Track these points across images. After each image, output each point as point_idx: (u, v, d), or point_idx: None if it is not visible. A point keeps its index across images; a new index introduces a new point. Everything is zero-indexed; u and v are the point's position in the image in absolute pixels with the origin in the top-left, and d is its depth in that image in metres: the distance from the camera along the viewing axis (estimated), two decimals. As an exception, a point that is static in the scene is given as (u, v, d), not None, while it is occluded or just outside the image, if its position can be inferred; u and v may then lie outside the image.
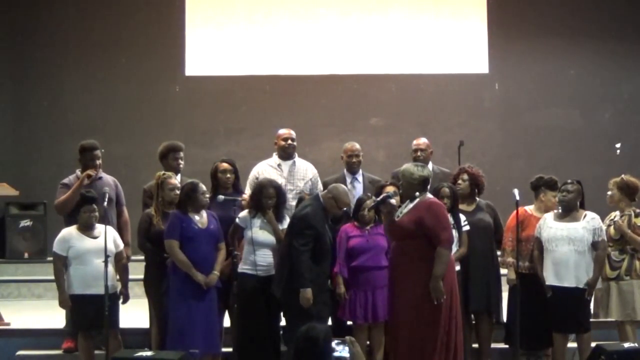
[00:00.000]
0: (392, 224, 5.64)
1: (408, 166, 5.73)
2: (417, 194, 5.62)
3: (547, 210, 6.26)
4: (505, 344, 6.35)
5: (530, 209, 6.36)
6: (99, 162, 6.63)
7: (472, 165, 6.53)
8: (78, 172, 6.67)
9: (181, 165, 6.68)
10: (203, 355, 5.86)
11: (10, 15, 9.81)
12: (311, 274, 5.78)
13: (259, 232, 6.00)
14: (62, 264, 6.01)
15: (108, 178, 6.71)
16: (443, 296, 5.44)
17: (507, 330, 6.28)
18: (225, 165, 6.54)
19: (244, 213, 6.09)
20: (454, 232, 6.05)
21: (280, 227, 6.07)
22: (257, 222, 6.02)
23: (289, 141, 6.94)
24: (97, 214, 6.03)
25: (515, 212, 6.12)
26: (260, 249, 5.99)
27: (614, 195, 6.37)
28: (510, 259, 6.16)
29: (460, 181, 6.40)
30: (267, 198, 6.04)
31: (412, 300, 5.48)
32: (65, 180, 6.62)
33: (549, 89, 10.08)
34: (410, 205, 5.63)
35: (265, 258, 5.99)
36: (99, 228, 6.01)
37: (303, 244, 5.80)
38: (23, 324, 7.04)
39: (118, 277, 6.16)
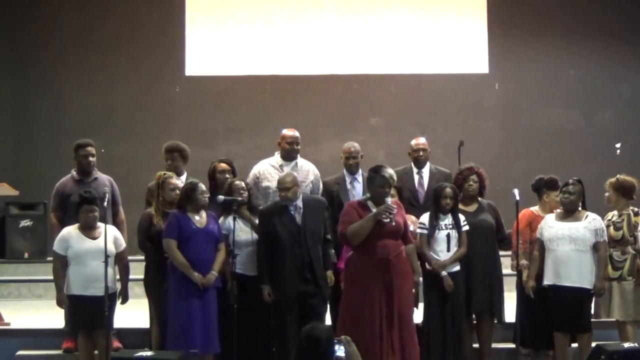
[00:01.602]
0: (385, 225, 5.56)
1: (392, 170, 5.77)
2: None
3: (552, 210, 6.27)
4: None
5: (536, 209, 6.36)
6: (92, 159, 6.63)
7: (478, 166, 6.51)
8: (73, 172, 6.67)
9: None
10: (203, 354, 5.86)
11: (11, 15, 9.80)
12: (274, 269, 5.86)
13: (239, 233, 5.99)
14: (60, 264, 6.01)
15: (103, 177, 6.72)
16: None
17: (522, 332, 6.25)
18: (223, 165, 6.54)
19: (220, 220, 6.08)
20: (454, 232, 6.06)
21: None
22: (234, 223, 5.96)
23: (294, 145, 6.87)
24: (96, 214, 6.01)
25: (520, 214, 6.12)
26: (244, 248, 6.01)
27: (610, 196, 6.37)
28: (522, 262, 6.14)
29: (471, 182, 6.33)
30: (238, 191, 6.05)
31: (410, 297, 5.69)
32: (59, 186, 6.65)
33: (549, 89, 10.07)
34: None
35: (250, 256, 6.01)
36: (100, 228, 5.99)
37: (259, 240, 5.97)
38: (23, 324, 7.04)
39: (118, 277, 6.15)
